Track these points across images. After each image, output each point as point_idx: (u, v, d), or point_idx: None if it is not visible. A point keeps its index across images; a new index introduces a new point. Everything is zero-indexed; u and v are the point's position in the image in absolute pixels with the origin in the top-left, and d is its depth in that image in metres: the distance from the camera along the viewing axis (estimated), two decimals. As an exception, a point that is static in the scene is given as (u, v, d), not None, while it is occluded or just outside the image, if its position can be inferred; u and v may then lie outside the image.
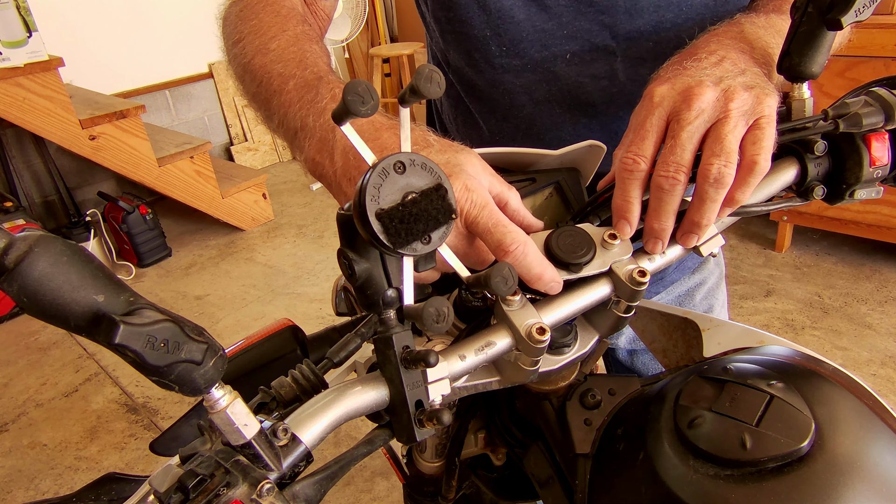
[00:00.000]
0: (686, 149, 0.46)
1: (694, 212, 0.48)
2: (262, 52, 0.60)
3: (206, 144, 3.49)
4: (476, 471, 0.65)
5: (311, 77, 0.56)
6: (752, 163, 0.45)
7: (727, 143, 0.45)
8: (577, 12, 0.65)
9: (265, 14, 0.64)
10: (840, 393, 0.41)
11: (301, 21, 0.66)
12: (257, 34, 0.62)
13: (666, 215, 0.48)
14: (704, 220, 0.47)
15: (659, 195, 0.47)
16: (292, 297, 3.05)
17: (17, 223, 2.97)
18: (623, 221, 0.49)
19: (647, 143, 0.48)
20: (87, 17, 3.77)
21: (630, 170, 0.48)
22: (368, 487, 1.95)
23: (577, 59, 0.67)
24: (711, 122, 0.46)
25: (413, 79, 0.36)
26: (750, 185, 0.46)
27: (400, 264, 0.39)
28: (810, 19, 0.48)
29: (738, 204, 0.48)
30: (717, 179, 0.45)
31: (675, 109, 0.47)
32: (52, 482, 2.10)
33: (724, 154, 0.45)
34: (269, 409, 0.46)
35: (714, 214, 0.47)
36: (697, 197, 0.47)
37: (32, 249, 0.27)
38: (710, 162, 0.45)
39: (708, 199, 0.46)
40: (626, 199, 0.48)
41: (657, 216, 0.48)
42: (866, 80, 0.54)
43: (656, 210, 0.48)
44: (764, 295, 2.68)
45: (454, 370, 0.42)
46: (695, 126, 0.46)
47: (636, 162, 0.47)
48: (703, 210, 0.47)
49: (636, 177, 0.48)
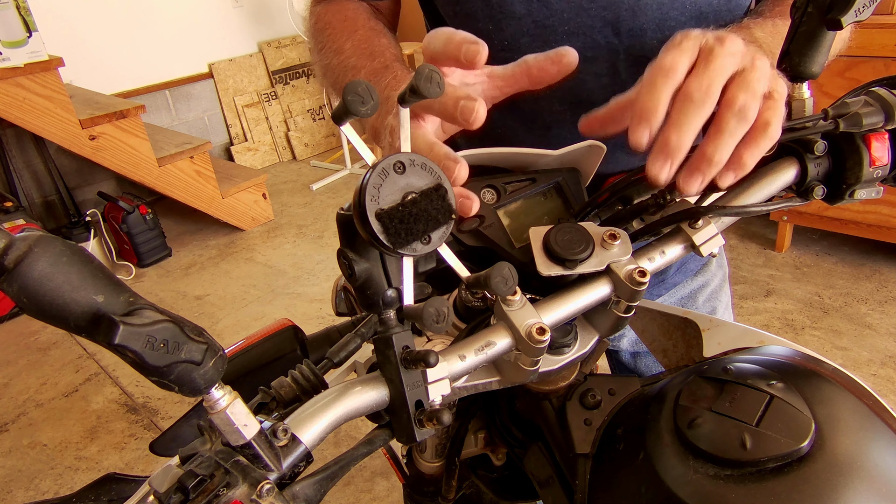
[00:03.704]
0: (720, 75, 0.43)
1: (708, 143, 0.44)
2: (339, 52, 0.70)
3: (206, 144, 3.49)
4: (476, 471, 0.65)
5: (378, 66, 0.64)
6: (766, 123, 0.44)
7: (753, 83, 0.43)
8: (579, 8, 0.64)
9: (335, 20, 0.74)
10: (840, 393, 0.41)
11: (369, 18, 0.74)
12: (332, 39, 0.72)
13: (687, 129, 0.43)
14: (717, 156, 0.44)
15: (686, 106, 0.43)
16: (292, 297, 3.05)
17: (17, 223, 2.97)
18: (644, 125, 0.44)
19: (684, 58, 0.44)
20: (87, 17, 3.77)
21: (668, 72, 0.44)
22: (368, 487, 1.95)
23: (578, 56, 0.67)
24: (739, 67, 0.44)
25: (413, 79, 0.36)
26: (760, 146, 0.44)
27: (400, 264, 0.39)
28: (810, 19, 0.48)
29: (744, 169, 0.45)
30: (742, 111, 0.43)
31: (709, 45, 0.45)
32: (52, 482, 2.10)
33: (750, 91, 0.43)
34: (269, 409, 0.46)
35: (728, 153, 0.44)
36: (715, 128, 0.43)
37: (32, 250, 0.27)
38: (735, 94, 0.43)
39: (727, 131, 0.43)
40: (656, 99, 0.44)
41: (677, 128, 0.43)
42: (866, 80, 0.54)
43: (677, 122, 0.43)
44: (764, 295, 2.68)
45: (454, 370, 0.42)
46: (728, 60, 0.44)
47: (675, 68, 0.44)
48: (719, 142, 0.43)
49: (672, 81, 0.44)
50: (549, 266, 0.47)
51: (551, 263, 0.47)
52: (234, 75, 4.60)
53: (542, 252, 0.47)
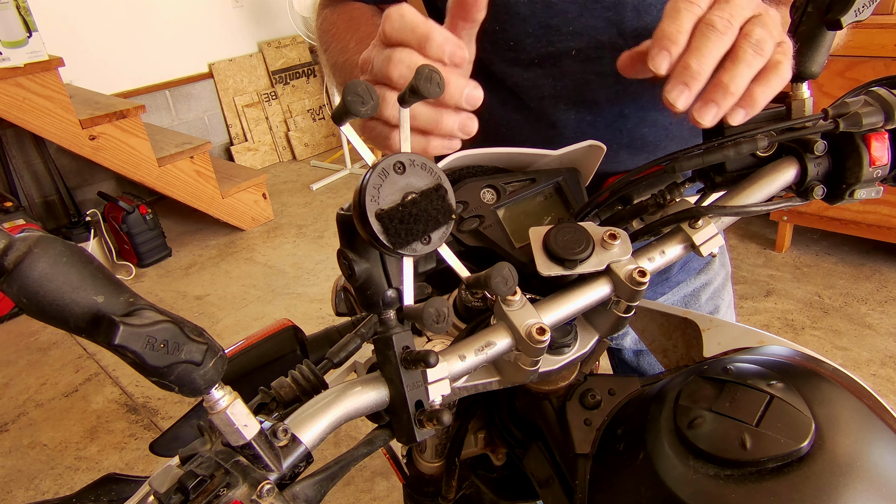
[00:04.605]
0: (740, 11, 0.44)
1: (724, 72, 0.44)
2: (344, 51, 0.72)
3: (206, 144, 3.49)
4: (476, 471, 0.65)
5: None
6: (778, 62, 0.44)
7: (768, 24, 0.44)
8: (583, 9, 0.64)
9: (341, 21, 0.75)
10: (840, 393, 0.41)
11: (373, 16, 0.75)
12: (338, 39, 0.74)
13: (708, 56, 0.43)
14: (733, 86, 0.43)
15: (707, 34, 0.43)
16: (292, 297, 3.05)
17: (17, 223, 2.97)
18: (665, 52, 0.44)
19: None
20: (87, 17, 3.77)
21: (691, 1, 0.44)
22: (368, 487, 1.95)
23: (582, 56, 0.67)
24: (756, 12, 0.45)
25: (413, 79, 0.36)
26: (771, 85, 0.45)
27: (400, 264, 0.39)
28: (810, 19, 0.48)
29: (755, 107, 0.45)
30: (759, 42, 0.43)
31: None
32: (52, 482, 2.10)
33: (766, 29, 0.44)
34: (269, 409, 0.46)
35: (745, 83, 0.44)
36: (733, 57, 0.44)
37: (32, 250, 0.27)
38: (753, 28, 0.44)
39: (744, 60, 0.43)
40: (679, 28, 0.44)
41: (698, 54, 0.43)
42: (866, 80, 0.54)
43: (698, 49, 0.43)
44: (764, 295, 2.68)
45: (454, 370, 0.42)
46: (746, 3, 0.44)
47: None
48: (735, 71, 0.43)
49: (695, 11, 0.44)
50: (549, 266, 0.47)
51: (551, 263, 0.47)
52: (234, 75, 4.60)
53: (542, 252, 0.47)
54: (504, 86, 0.74)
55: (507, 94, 0.74)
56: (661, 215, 0.52)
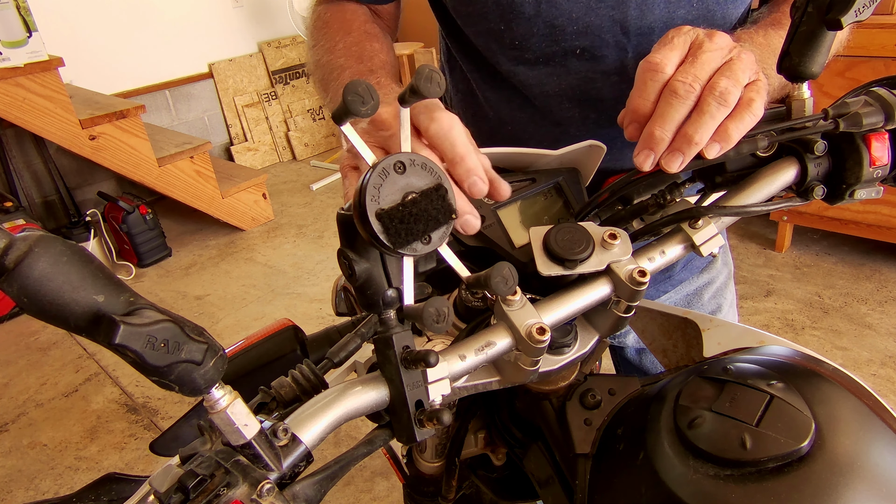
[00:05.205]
0: (706, 67, 0.47)
1: (690, 124, 0.47)
2: (330, 51, 0.72)
3: (206, 144, 3.49)
4: (476, 471, 0.65)
5: (364, 70, 0.67)
6: (750, 100, 0.47)
7: (737, 71, 0.47)
8: (587, 8, 0.65)
9: (333, 20, 0.76)
10: (840, 393, 0.41)
11: (365, 21, 0.76)
12: (327, 38, 0.74)
13: (670, 122, 0.47)
14: (697, 137, 0.46)
15: (670, 100, 0.47)
16: (292, 297, 3.05)
17: (17, 223, 2.97)
18: (636, 125, 0.49)
19: (674, 54, 0.48)
20: (87, 17, 3.76)
21: (655, 71, 0.48)
22: (368, 487, 1.95)
23: (587, 55, 0.67)
24: (725, 60, 0.48)
25: (413, 79, 0.36)
26: (744, 121, 0.47)
27: (400, 264, 0.39)
28: (810, 19, 0.48)
29: (729, 141, 0.47)
30: (723, 94, 0.46)
31: (699, 39, 0.49)
32: (52, 482, 2.10)
33: (732, 77, 0.46)
34: (269, 409, 0.46)
35: (708, 134, 0.47)
36: (698, 110, 0.47)
37: (32, 250, 0.27)
38: (718, 80, 0.46)
39: (708, 112, 0.46)
40: (646, 99, 0.48)
41: (661, 122, 0.47)
42: (866, 80, 0.54)
43: (661, 116, 0.47)
44: (764, 295, 2.68)
45: (454, 370, 0.42)
46: (716, 54, 0.47)
47: (662, 66, 0.48)
48: (700, 123, 0.46)
49: (659, 80, 0.48)
50: (549, 266, 0.47)
51: (551, 263, 0.47)
52: (234, 75, 4.60)
53: (542, 252, 0.47)
54: (509, 84, 0.74)
55: (512, 93, 0.74)
56: (662, 215, 0.52)
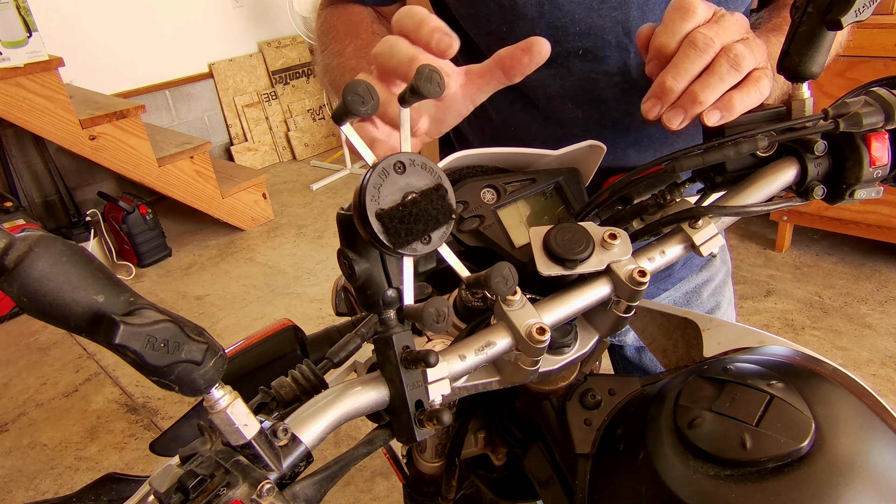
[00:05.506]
0: (726, 31, 0.47)
1: (698, 82, 0.47)
2: (339, 54, 0.73)
3: (206, 144, 3.49)
4: (476, 471, 0.65)
5: None
6: (759, 79, 0.47)
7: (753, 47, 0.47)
8: (589, 9, 0.65)
9: (340, 24, 0.76)
10: (840, 393, 0.41)
11: (372, 23, 0.76)
12: (336, 41, 0.75)
13: (684, 74, 0.47)
14: (703, 96, 0.47)
15: (688, 51, 0.46)
16: (292, 297, 3.05)
17: (17, 223, 2.97)
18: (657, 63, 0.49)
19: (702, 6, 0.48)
20: (87, 17, 3.77)
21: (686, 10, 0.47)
22: (368, 487, 1.95)
23: (589, 56, 0.68)
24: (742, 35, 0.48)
25: (413, 79, 0.36)
26: (750, 95, 0.47)
27: (400, 264, 0.39)
28: (810, 19, 0.48)
29: (731, 111, 0.48)
30: (737, 58, 0.46)
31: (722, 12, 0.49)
32: (52, 482, 2.10)
33: (748, 48, 0.47)
34: (269, 409, 0.46)
35: (714, 96, 0.47)
36: (709, 70, 0.47)
37: (32, 250, 0.27)
38: (734, 45, 0.46)
39: (718, 74, 0.46)
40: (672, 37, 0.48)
41: (675, 72, 0.47)
42: (866, 80, 0.54)
43: (676, 66, 0.47)
44: (764, 295, 2.68)
45: (454, 370, 0.42)
46: (736, 25, 0.47)
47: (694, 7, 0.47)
48: (707, 82, 0.46)
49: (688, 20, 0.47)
50: (549, 266, 0.47)
51: (551, 263, 0.47)
52: (234, 75, 4.60)
53: (542, 252, 0.47)
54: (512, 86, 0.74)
55: (515, 94, 0.74)
56: (662, 215, 0.52)
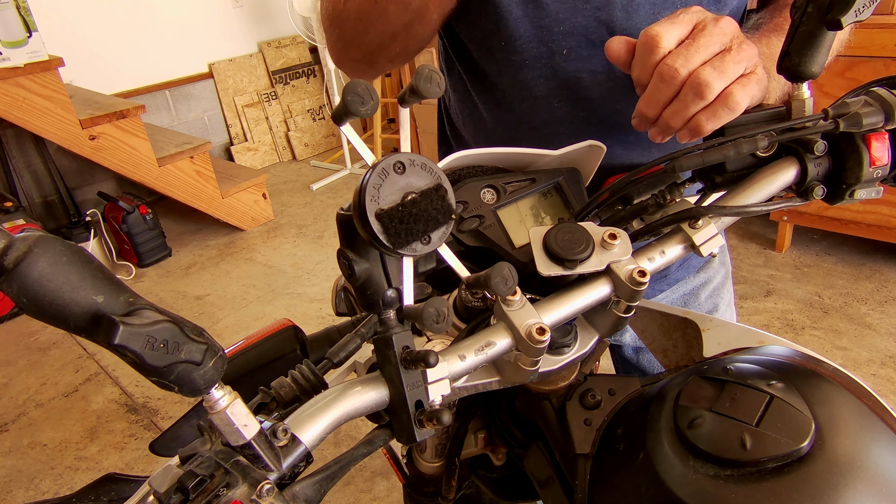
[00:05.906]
0: (700, 52, 0.48)
1: (668, 110, 0.51)
2: None
3: (206, 144, 3.48)
4: (476, 471, 0.65)
5: None
6: (728, 94, 0.48)
7: (727, 63, 0.48)
8: (573, 9, 0.65)
9: None
10: (840, 393, 0.41)
11: None
12: None
13: (655, 103, 0.51)
14: (672, 122, 0.51)
15: (656, 82, 0.50)
16: (292, 297, 3.05)
17: (17, 223, 2.97)
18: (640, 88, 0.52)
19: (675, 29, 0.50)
20: (87, 17, 3.76)
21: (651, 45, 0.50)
22: (368, 487, 1.95)
23: (574, 55, 0.68)
24: (724, 47, 0.49)
25: (413, 79, 0.36)
26: (717, 116, 0.49)
27: (400, 264, 0.39)
28: (810, 19, 0.48)
29: (699, 132, 0.50)
30: (699, 87, 0.48)
31: (704, 22, 0.50)
32: (52, 482, 2.10)
33: (719, 68, 0.48)
34: (269, 409, 0.46)
35: (680, 122, 0.50)
36: (677, 98, 0.50)
37: (32, 250, 0.27)
38: (701, 72, 0.48)
39: (683, 102, 0.49)
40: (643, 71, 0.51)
41: (648, 100, 0.52)
42: (866, 80, 0.54)
43: (649, 95, 0.51)
44: (764, 295, 2.68)
45: (454, 370, 0.42)
46: (715, 39, 0.49)
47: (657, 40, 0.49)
48: (673, 110, 0.50)
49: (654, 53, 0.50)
50: (549, 266, 0.47)
51: (551, 263, 0.47)
52: (234, 75, 4.60)
53: (542, 252, 0.47)
54: (497, 86, 0.74)
55: (500, 95, 0.74)
56: (661, 215, 0.52)
